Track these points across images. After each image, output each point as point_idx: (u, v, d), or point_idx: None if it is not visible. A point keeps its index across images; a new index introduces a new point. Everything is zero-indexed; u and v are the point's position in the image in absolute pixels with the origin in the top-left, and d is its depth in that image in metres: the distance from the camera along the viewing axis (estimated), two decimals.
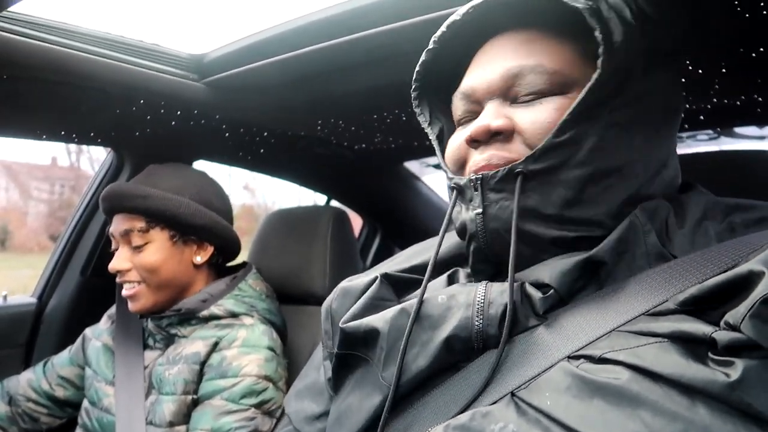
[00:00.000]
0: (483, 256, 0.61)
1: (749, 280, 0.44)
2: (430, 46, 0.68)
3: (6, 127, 1.23)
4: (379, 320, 0.62)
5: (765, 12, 0.71)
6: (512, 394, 0.51)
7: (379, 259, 2.20)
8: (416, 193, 2.08)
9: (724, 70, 0.93)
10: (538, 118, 0.58)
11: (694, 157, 1.01)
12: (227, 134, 1.47)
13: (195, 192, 1.21)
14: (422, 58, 0.69)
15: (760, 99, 1.07)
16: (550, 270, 0.56)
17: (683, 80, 0.97)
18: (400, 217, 2.13)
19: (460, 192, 0.62)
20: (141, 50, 1.14)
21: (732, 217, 0.57)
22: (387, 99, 1.23)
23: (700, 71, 0.93)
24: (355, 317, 0.66)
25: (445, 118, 0.73)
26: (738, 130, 1.36)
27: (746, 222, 0.57)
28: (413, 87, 0.71)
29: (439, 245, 0.65)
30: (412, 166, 2.03)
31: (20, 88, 1.07)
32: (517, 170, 0.56)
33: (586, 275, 0.56)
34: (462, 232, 0.63)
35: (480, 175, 0.58)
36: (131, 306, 1.17)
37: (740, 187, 0.90)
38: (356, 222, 2.16)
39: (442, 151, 0.69)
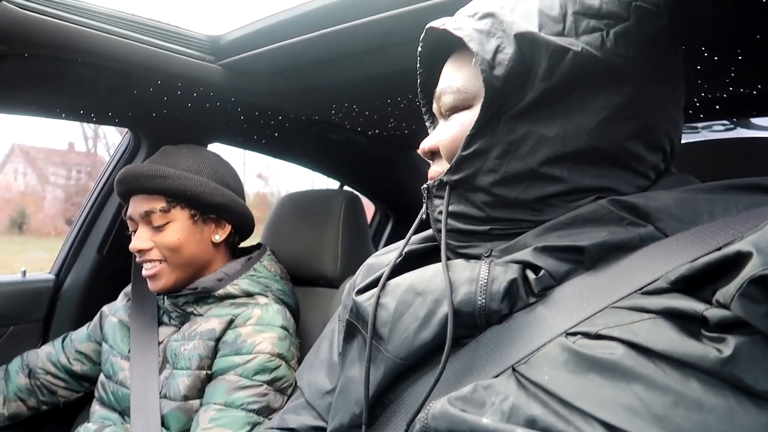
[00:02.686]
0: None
1: (738, 261, 0.45)
2: (419, 70, 0.76)
3: (25, 105, 1.25)
4: (388, 298, 0.65)
5: None
6: (513, 368, 0.52)
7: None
8: None
9: (740, 58, 0.92)
10: (448, 133, 0.66)
11: (712, 143, 1.00)
12: (242, 117, 1.48)
13: (211, 171, 1.24)
14: (418, 64, 0.76)
15: None
16: (534, 254, 0.58)
17: (698, 67, 0.97)
18: (413, 205, 2.13)
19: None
20: (159, 31, 1.15)
21: (728, 195, 0.57)
22: (402, 84, 1.23)
23: (716, 58, 0.92)
24: (368, 287, 0.70)
25: None
26: (755, 120, 1.34)
27: (743, 199, 0.56)
28: (419, 81, 0.77)
29: (408, 238, 0.75)
30: None
31: (40, 66, 1.09)
32: (443, 180, 0.65)
33: (569, 256, 0.57)
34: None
35: (427, 185, 0.68)
36: (152, 286, 1.18)
37: (756, 174, 0.90)
38: (368, 209, 2.17)
39: None
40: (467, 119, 0.64)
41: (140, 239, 1.17)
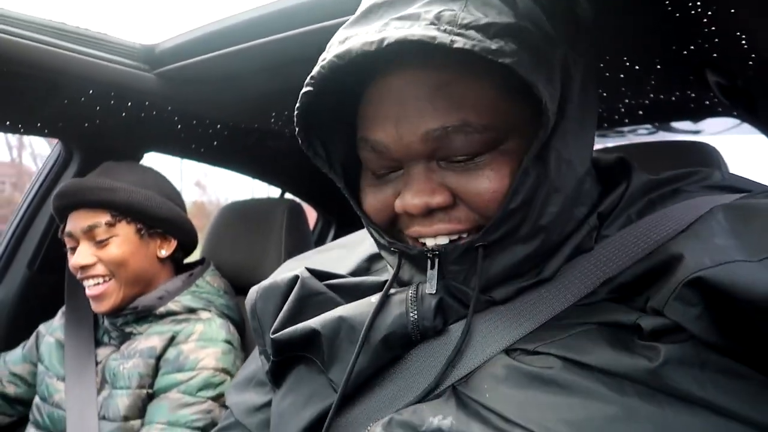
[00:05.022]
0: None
1: (670, 264, 0.46)
2: (305, 89, 0.54)
3: None
4: (316, 323, 0.61)
5: (693, 11, 0.75)
6: (453, 387, 0.52)
7: None
8: None
9: (658, 67, 0.97)
10: (480, 187, 0.52)
11: (633, 147, 1.06)
12: (179, 126, 1.45)
13: (156, 186, 1.22)
14: (299, 102, 0.55)
15: (693, 95, 1.13)
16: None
17: (621, 76, 1.02)
18: (355, 210, 2.13)
19: (404, 256, 0.58)
20: (90, 39, 1.11)
21: (651, 195, 0.59)
22: None
23: (637, 68, 0.98)
24: (284, 325, 0.64)
25: (344, 146, 0.63)
26: (674, 124, 1.43)
27: (663, 196, 0.58)
28: (297, 130, 0.58)
29: (389, 287, 0.59)
30: None
31: None
32: (477, 245, 0.53)
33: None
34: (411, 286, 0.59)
35: (437, 251, 0.54)
36: (97, 307, 1.13)
37: None
38: (311, 215, 2.16)
39: (356, 196, 0.62)
40: (500, 164, 0.52)
41: (82, 255, 1.12)
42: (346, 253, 0.75)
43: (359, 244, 0.76)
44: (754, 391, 0.42)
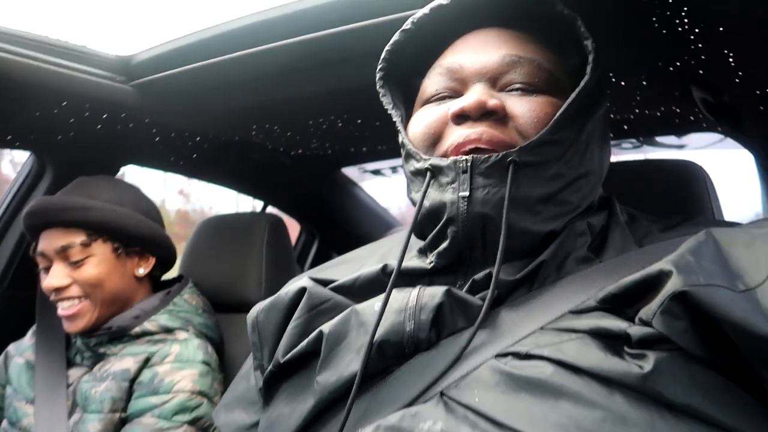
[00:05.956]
0: (456, 246, 0.60)
1: (659, 279, 0.48)
2: (406, 26, 0.68)
3: None
4: (325, 326, 0.62)
5: (680, 28, 0.75)
6: (441, 393, 0.52)
7: (316, 265, 2.17)
8: (354, 199, 2.08)
9: (644, 83, 0.97)
10: (533, 109, 0.60)
11: (621, 164, 1.06)
12: (158, 139, 1.41)
13: (134, 203, 1.18)
14: (395, 38, 0.69)
15: (678, 110, 1.13)
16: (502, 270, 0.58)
17: (607, 91, 1.01)
18: (338, 224, 2.11)
19: (435, 174, 0.60)
20: (62, 49, 1.08)
21: (651, 225, 0.63)
22: (323, 104, 1.22)
23: (623, 83, 0.97)
24: (292, 346, 0.64)
25: (403, 106, 0.72)
26: (659, 139, 1.43)
27: (663, 227, 0.62)
28: (379, 67, 0.70)
29: (405, 249, 0.61)
30: (350, 172, 2.02)
31: None
32: (510, 159, 0.56)
33: (528, 278, 0.58)
34: (434, 214, 0.60)
35: (470, 158, 0.57)
36: (70, 326, 1.09)
37: (657, 193, 0.95)
38: (294, 228, 2.13)
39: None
40: (553, 104, 0.60)
41: (56, 276, 1.07)
42: (354, 266, 0.74)
43: (369, 257, 0.76)
44: (741, 404, 0.44)
